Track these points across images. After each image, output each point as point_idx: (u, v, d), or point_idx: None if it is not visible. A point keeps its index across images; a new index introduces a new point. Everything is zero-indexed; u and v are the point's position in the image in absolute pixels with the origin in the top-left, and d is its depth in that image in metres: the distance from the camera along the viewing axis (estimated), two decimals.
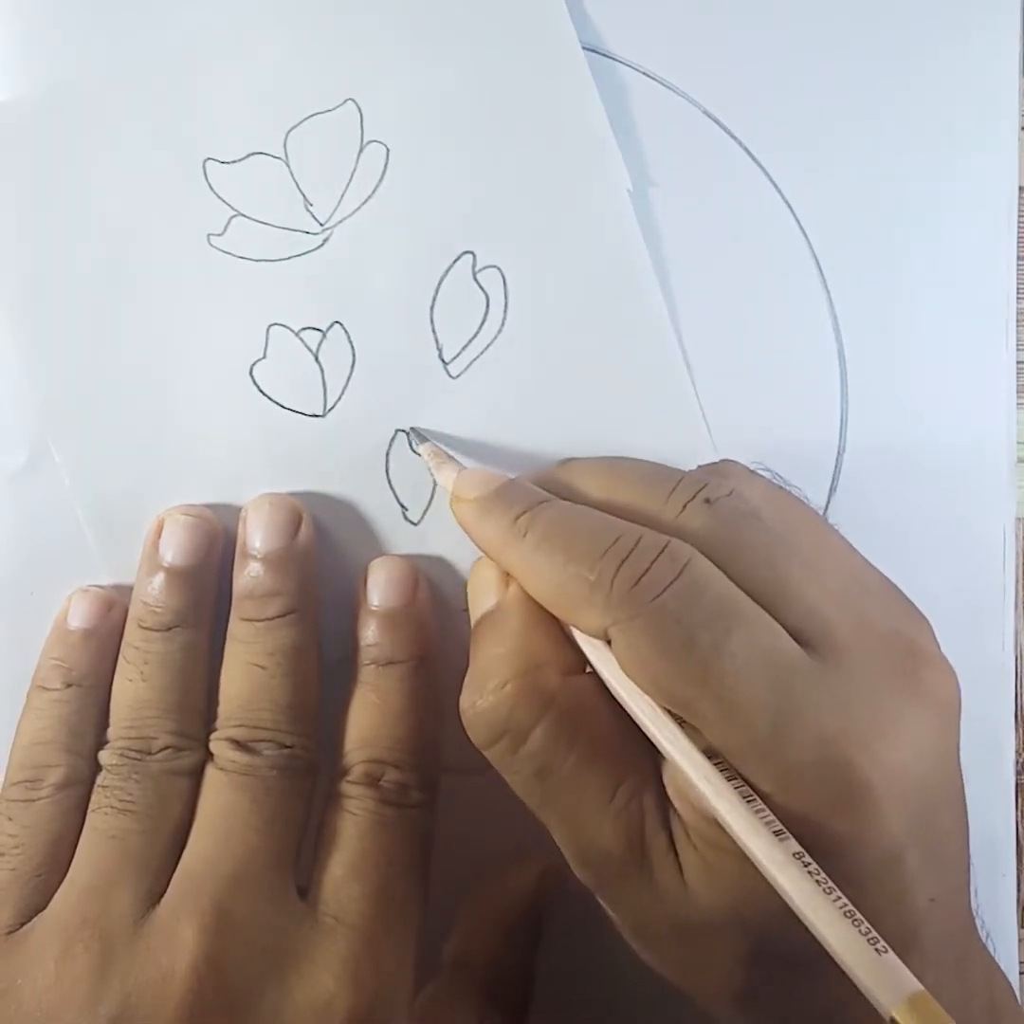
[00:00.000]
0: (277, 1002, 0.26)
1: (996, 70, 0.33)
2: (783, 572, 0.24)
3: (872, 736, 0.22)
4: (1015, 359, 0.33)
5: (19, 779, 0.29)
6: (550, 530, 0.25)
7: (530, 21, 0.31)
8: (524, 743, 0.24)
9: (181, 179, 0.31)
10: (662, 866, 0.24)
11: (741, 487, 0.26)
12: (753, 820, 0.21)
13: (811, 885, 0.20)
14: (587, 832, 0.24)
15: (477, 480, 0.27)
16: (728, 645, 0.22)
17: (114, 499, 0.31)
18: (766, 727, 0.22)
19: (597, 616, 0.23)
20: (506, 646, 0.25)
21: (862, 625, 0.24)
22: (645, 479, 0.26)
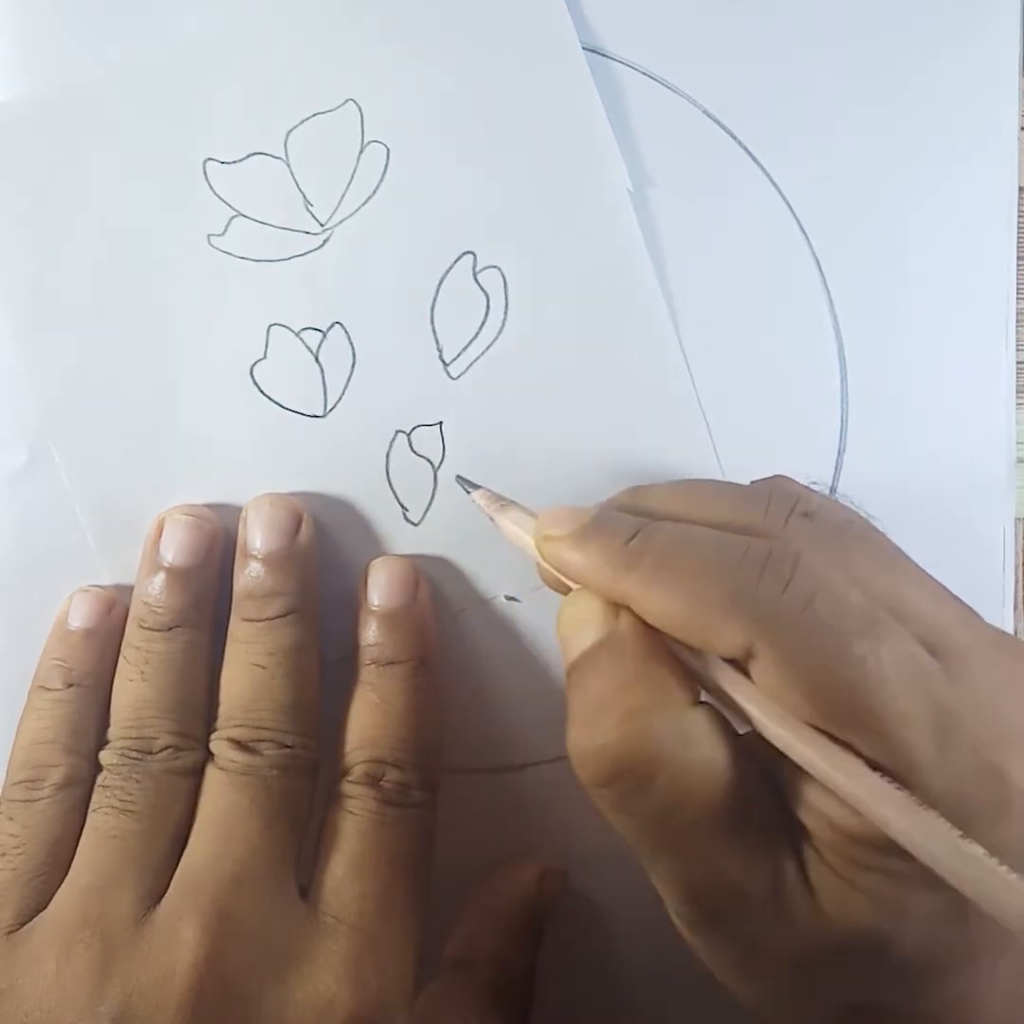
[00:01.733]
0: (278, 1001, 0.26)
1: (996, 70, 0.33)
2: (895, 581, 0.23)
3: (1017, 738, 0.22)
4: (1015, 359, 0.33)
5: (20, 779, 0.29)
6: (670, 549, 0.23)
7: (530, 21, 0.31)
8: (650, 783, 0.22)
9: (181, 179, 0.31)
10: (793, 892, 0.23)
11: (820, 502, 0.25)
12: (937, 823, 0.21)
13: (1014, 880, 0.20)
14: (709, 870, 0.23)
15: (564, 515, 0.26)
16: (882, 654, 0.21)
17: (114, 499, 0.31)
18: (928, 736, 0.21)
19: (740, 631, 0.22)
20: (625, 678, 0.23)
21: (973, 631, 0.23)
22: (733, 497, 0.25)
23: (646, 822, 0.23)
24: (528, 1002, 0.30)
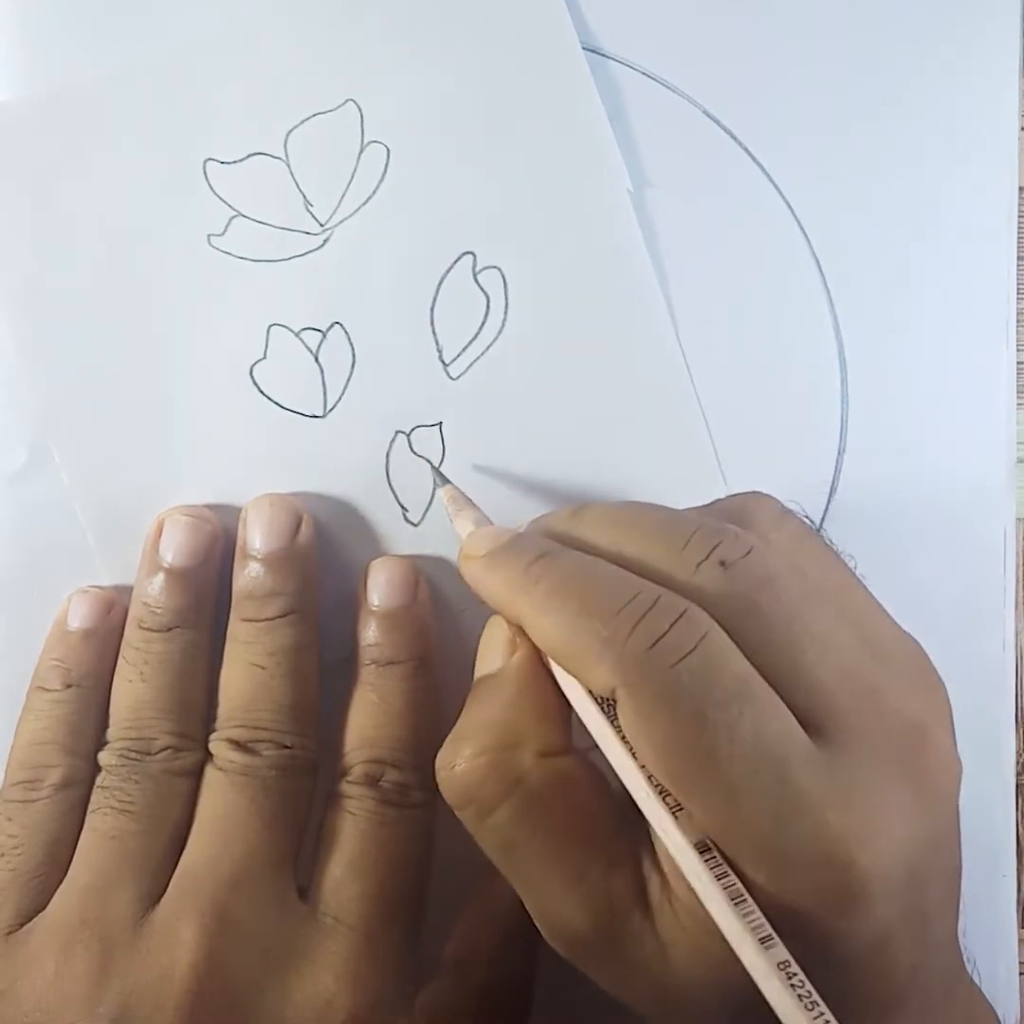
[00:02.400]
0: (277, 1002, 0.26)
1: (996, 70, 0.33)
2: (798, 650, 0.23)
3: (873, 834, 0.22)
4: (1015, 359, 0.33)
5: (19, 779, 0.29)
6: (564, 578, 0.24)
7: (530, 21, 0.31)
8: (489, 816, 0.24)
9: (181, 179, 0.31)
10: (637, 946, 0.23)
11: (762, 541, 0.24)
12: (739, 924, 0.21)
13: (793, 1000, 0.20)
14: (553, 910, 0.24)
15: (488, 537, 0.26)
16: (739, 730, 0.21)
17: (114, 499, 0.31)
18: (767, 820, 0.21)
19: (606, 673, 0.22)
20: (491, 715, 0.25)
21: (872, 708, 0.23)
22: (657, 530, 0.25)
23: (493, 852, 0.25)
24: (527, 1002, 0.30)
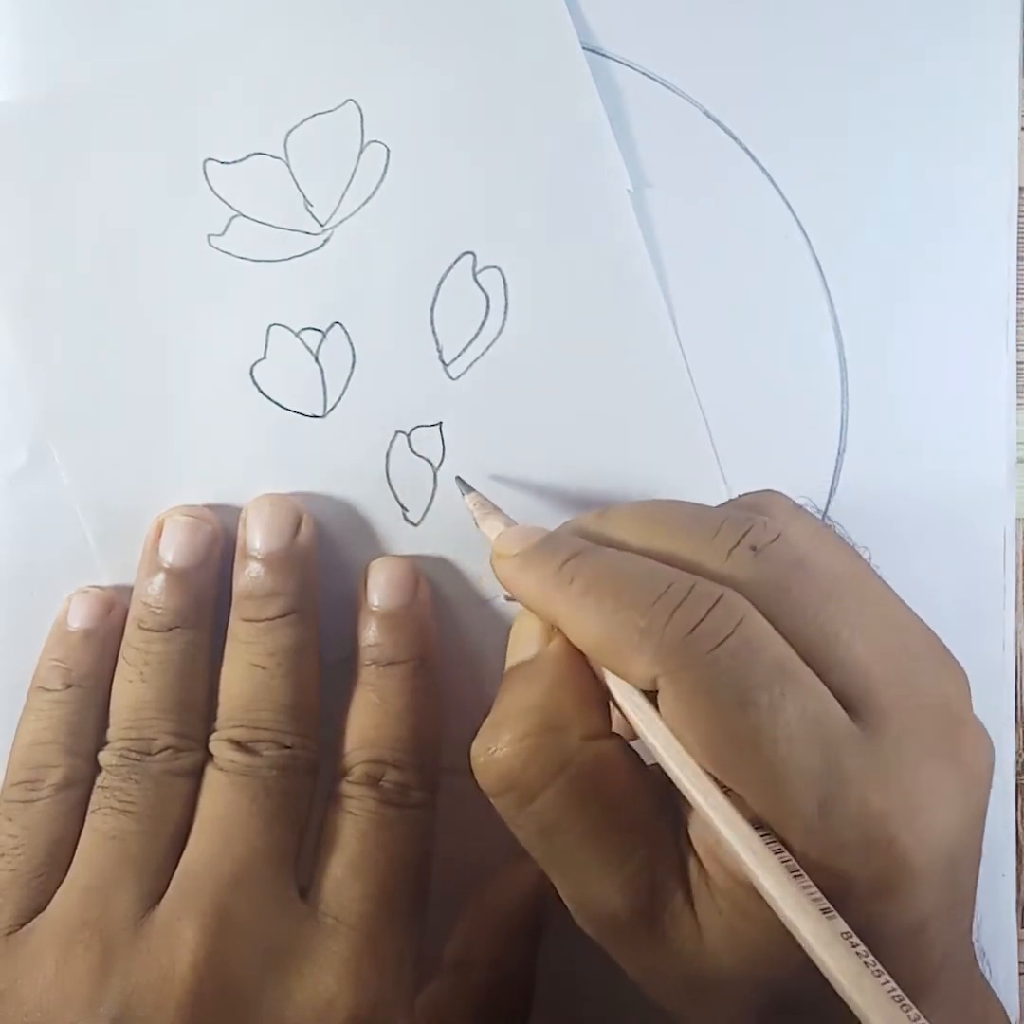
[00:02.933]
0: (278, 1002, 0.26)
1: (996, 70, 0.33)
2: (832, 630, 0.23)
3: (915, 814, 0.22)
4: (1015, 359, 0.33)
5: (19, 779, 0.29)
6: (598, 576, 0.24)
7: (530, 21, 0.31)
8: (532, 802, 0.24)
9: (181, 179, 0.31)
10: (676, 927, 0.23)
11: (786, 530, 0.24)
12: (800, 896, 0.21)
13: (859, 967, 0.20)
14: (591, 894, 0.24)
15: (518, 536, 0.27)
16: (783, 711, 0.21)
17: (114, 499, 0.31)
18: (814, 801, 0.21)
19: (646, 664, 0.22)
20: (531, 701, 0.24)
21: (906, 688, 0.23)
22: (686, 524, 0.25)
23: (531, 838, 0.24)
24: (527, 1002, 0.30)
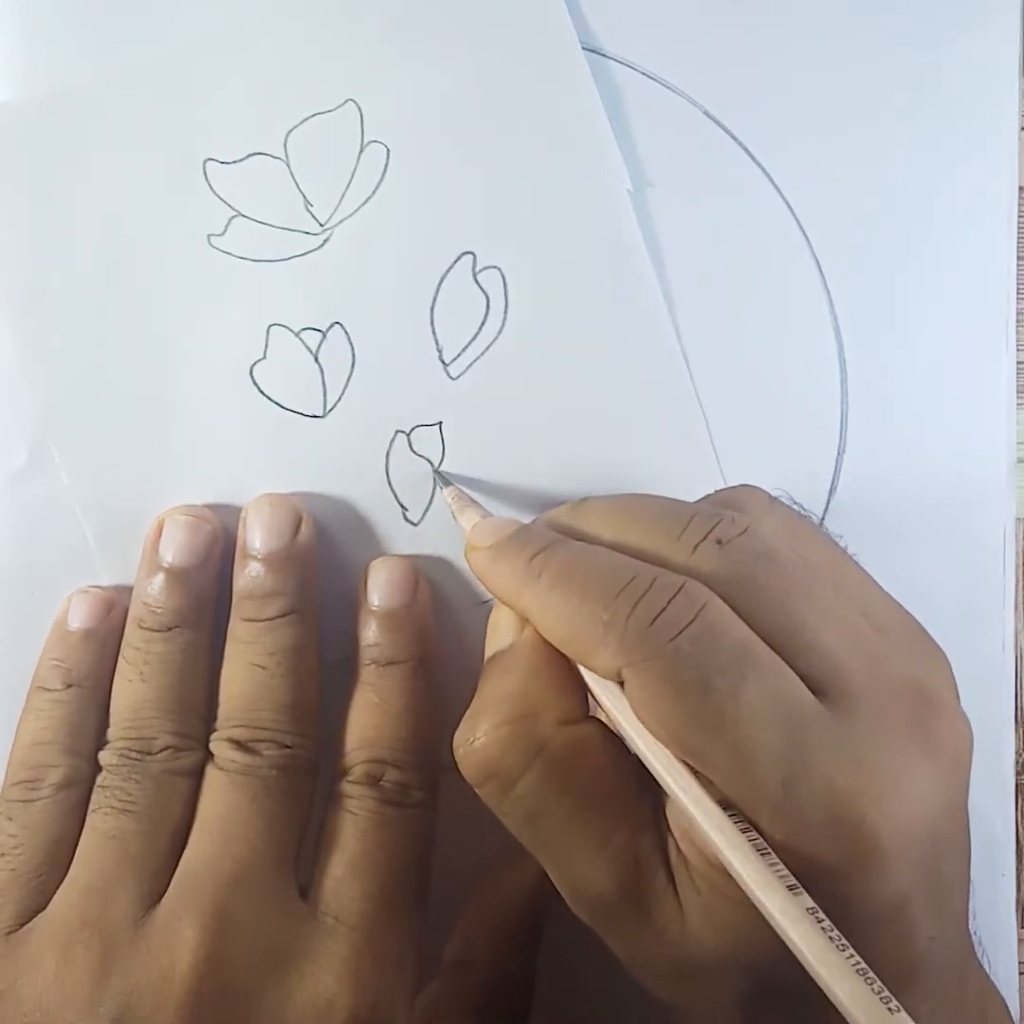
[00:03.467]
0: (278, 1002, 0.26)
1: (996, 70, 0.33)
2: (798, 617, 0.23)
3: (884, 792, 0.22)
4: (1015, 359, 0.33)
5: (19, 779, 0.29)
6: (565, 570, 0.24)
7: (530, 21, 0.31)
8: (512, 788, 0.24)
9: (181, 179, 0.31)
10: (660, 907, 0.24)
11: (756, 523, 0.25)
12: (767, 873, 0.21)
13: (824, 941, 0.20)
14: (579, 875, 0.24)
15: (492, 528, 0.27)
16: (744, 693, 0.22)
17: (114, 499, 0.31)
18: (778, 780, 0.21)
19: (610, 656, 0.23)
20: (506, 689, 0.25)
21: (876, 671, 0.23)
22: (657, 518, 0.25)
23: (517, 825, 0.25)
24: (527, 1002, 0.30)
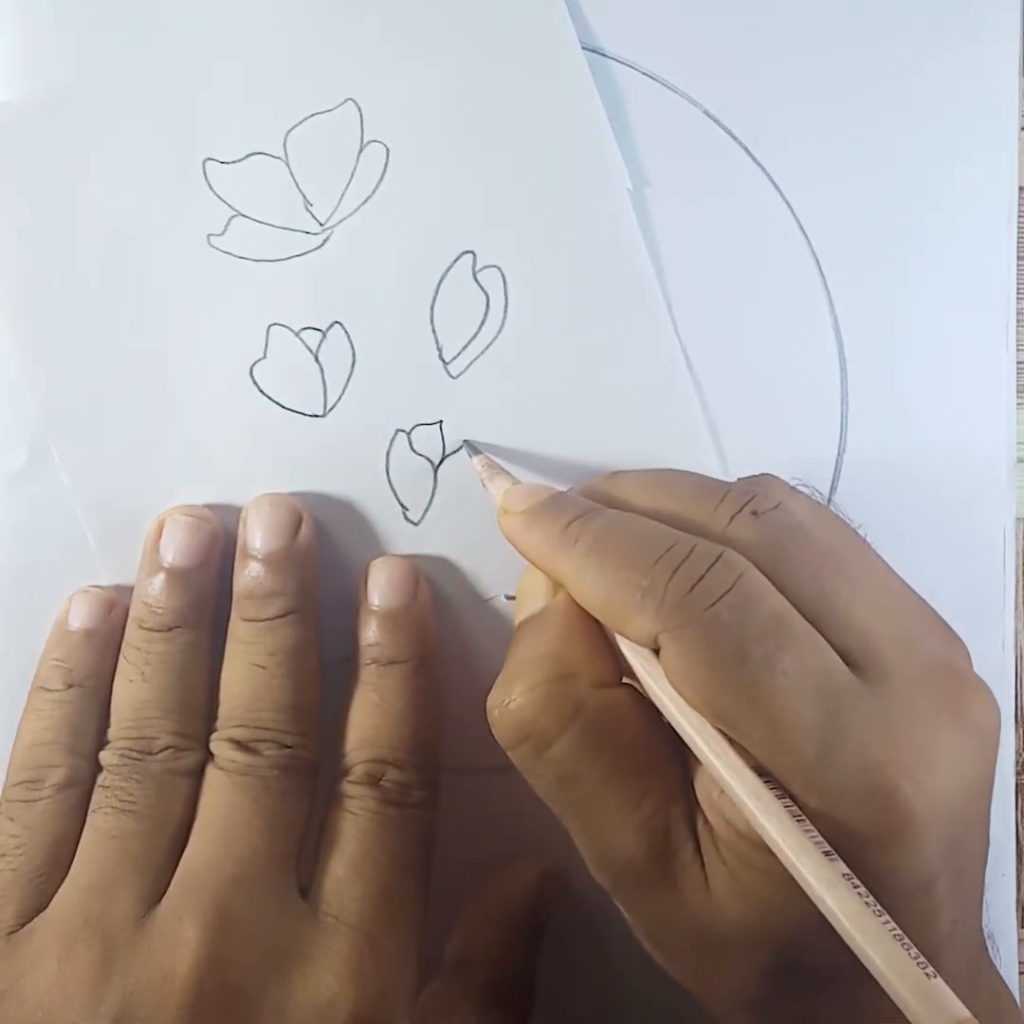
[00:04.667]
0: (279, 1001, 0.26)
1: (996, 70, 0.33)
2: (831, 589, 0.23)
3: (917, 764, 0.22)
4: (1015, 359, 0.33)
5: (20, 779, 0.29)
6: (601, 536, 0.24)
7: (530, 21, 0.31)
8: (548, 749, 0.24)
9: (181, 179, 0.31)
10: (686, 875, 0.24)
11: (786, 501, 0.25)
12: (802, 838, 0.21)
13: (861, 906, 0.20)
14: (609, 839, 0.24)
15: (525, 493, 0.27)
16: (780, 662, 0.22)
17: (114, 499, 0.31)
18: (812, 749, 0.22)
19: (647, 622, 0.23)
20: (541, 651, 0.25)
21: (907, 647, 0.23)
22: (692, 490, 0.26)
23: (549, 787, 0.25)
24: (528, 1002, 0.30)
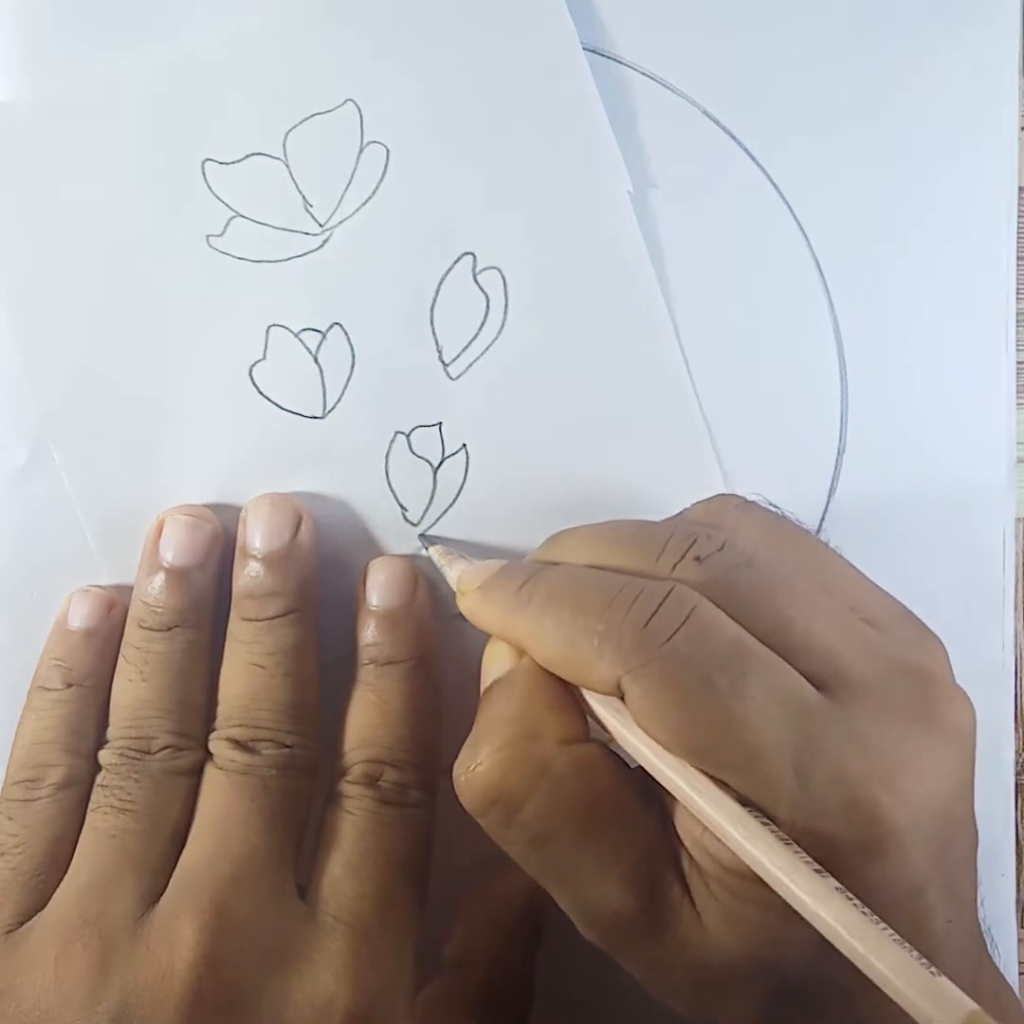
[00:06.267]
0: (277, 1001, 0.26)
1: (996, 70, 0.33)
2: (786, 616, 0.23)
3: (895, 774, 0.22)
4: (1015, 359, 0.33)
5: (20, 779, 0.29)
6: (553, 591, 0.24)
7: (530, 21, 0.31)
8: (518, 812, 0.24)
9: (181, 180, 0.31)
10: (679, 917, 0.23)
11: (733, 536, 0.25)
12: (792, 858, 0.21)
13: (858, 916, 0.20)
14: (591, 897, 0.24)
15: (477, 572, 0.27)
16: (746, 688, 0.22)
17: (114, 499, 0.31)
18: (790, 771, 0.21)
19: (608, 667, 0.22)
20: (506, 712, 0.24)
21: (872, 659, 0.23)
22: (633, 541, 0.25)
23: (523, 851, 0.24)
24: (527, 1003, 0.30)
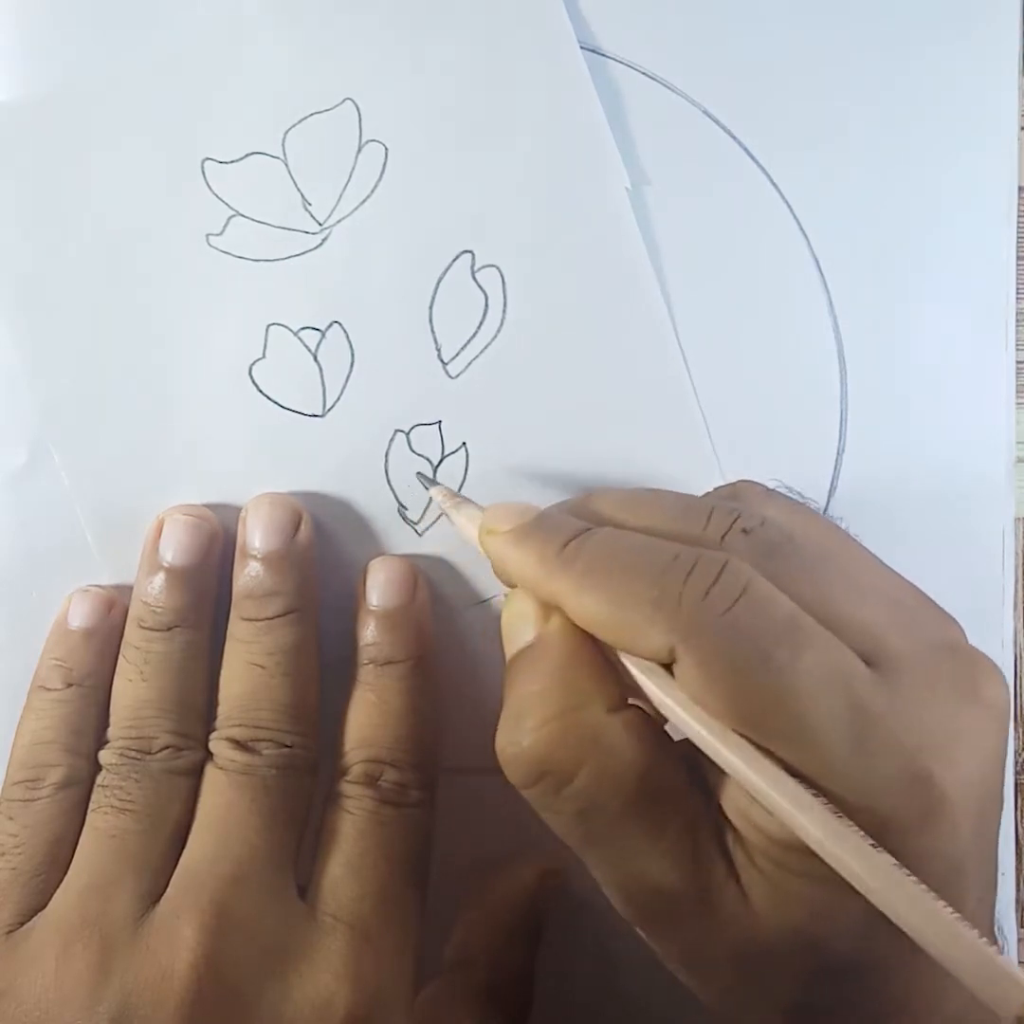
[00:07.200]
0: (277, 1001, 0.26)
1: (996, 70, 0.33)
2: (831, 594, 0.23)
3: (945, 745, 0.22)
4: (1015, 359, 0.33)
5: (20, 779, 0.29)
6: (603, 553, 0.24)
7: (529, 21, 0.31)
8: (567, 785, 0.23)
9: (180, 179, 0.31)
10: (723, 893, 0.23)
11: (769, 513, 0.25)
12: (848, 832, 0.21)
13: (920, 892, 0.20)
14: (635, 870, 0.24)
15: (509, 512, 0.26)
16: (803, 662, 0.22)
17: (114, 499, 0.31)
18: (846, 743, 0.21)
19: (661, 635, 0.22)
20: (545, 683, 0.24)
21: (913, 635, 0.23)
22: (676, 509, 0.25)
23: (569, 823, 0.24)
24: (526, 1002, 0.30)
